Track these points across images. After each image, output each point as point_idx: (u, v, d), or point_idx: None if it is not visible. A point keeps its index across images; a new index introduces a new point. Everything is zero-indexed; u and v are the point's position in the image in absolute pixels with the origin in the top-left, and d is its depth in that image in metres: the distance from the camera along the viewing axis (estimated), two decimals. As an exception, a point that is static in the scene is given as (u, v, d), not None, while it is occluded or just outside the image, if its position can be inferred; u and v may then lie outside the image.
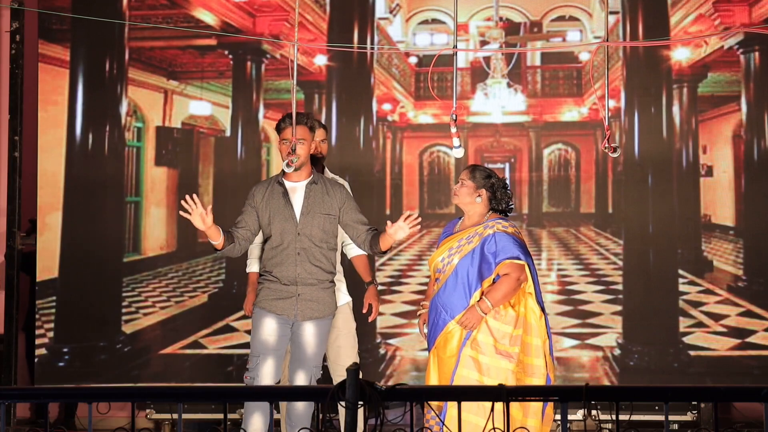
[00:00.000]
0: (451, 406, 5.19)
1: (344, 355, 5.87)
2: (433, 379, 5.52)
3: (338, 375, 5.86)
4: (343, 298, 5.95)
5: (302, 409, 5.61)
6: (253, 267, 5.98)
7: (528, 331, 5.46)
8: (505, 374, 5.35)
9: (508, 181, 5.69)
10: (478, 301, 5.40)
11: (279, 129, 5.64)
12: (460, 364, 5.38)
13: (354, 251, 6.00)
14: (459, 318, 5.42)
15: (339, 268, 5.89)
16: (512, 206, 5.66)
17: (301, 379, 5.60)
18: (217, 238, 5.44)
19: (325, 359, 5.81)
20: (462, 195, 5.59)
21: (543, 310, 5.51)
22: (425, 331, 5.66)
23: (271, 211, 5.60)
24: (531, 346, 5.46)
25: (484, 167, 5.73)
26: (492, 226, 5.49)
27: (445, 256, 5.54)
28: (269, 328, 5.58)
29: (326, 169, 6.00)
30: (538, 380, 5.43)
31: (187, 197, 5.33)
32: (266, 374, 5.54)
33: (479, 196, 5.56)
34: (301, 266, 5.58)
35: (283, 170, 5.56)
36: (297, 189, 5.63)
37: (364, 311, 5.90)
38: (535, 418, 5.41)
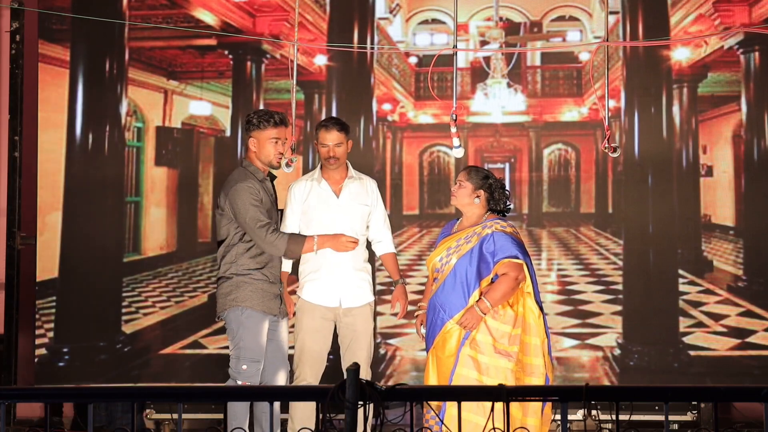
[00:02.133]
0: (451, 406, 5.19)
1: (360, 357, 5.75)
2: (431, 379, 5.52)
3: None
4: (368, 297, 5.88)
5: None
6: (287, 266, 5.88)
7: (527, 331, 5.46)
8: (505, 373, 5.35)
9: (507, 182, 5.70)
10: (477, 301, 5.40)
11: (268, 124, 5.58)
12: (459, 363, 5.38)
13: (382, 249, 5.94)
14: (458, 319, 5.42)
15: (367, 265, 5.89)
16: (510, 207, 5.67)
17: (284, 378, 5.64)
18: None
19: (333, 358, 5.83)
20: (460, 196, 5.60)
21: (541, 309, 5.52)
22: (422, 332, 5.67)
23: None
24: (530, 345, 5.46)
25: (481, 168, 5.74)
26: (490, 226, 5.49)
27: (443, 255, 5.55)
28: None
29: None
30: (537, 379, 5.44)
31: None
32: None
33: (477, 197, 5.56)
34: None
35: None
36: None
37: (393, 310, 5.89)
38: (534, 416, 5.42)
